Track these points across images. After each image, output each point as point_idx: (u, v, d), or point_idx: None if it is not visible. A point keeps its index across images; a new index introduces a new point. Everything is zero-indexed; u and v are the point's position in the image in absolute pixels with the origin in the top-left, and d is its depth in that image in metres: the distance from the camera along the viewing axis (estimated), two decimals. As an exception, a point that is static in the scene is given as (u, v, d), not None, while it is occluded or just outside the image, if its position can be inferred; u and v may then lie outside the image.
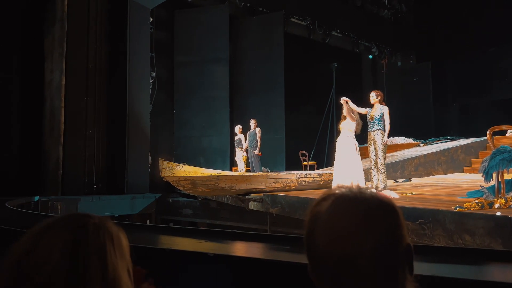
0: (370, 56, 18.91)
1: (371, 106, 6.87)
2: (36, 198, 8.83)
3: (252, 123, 10.60)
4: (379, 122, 6.71)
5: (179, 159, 11.11)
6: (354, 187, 0.82)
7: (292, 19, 15.17)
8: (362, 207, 0.77)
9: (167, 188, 9.74)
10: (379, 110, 6.75)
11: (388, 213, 0.78)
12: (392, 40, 18.63)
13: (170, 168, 7.53)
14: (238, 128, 10.90)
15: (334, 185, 6.85)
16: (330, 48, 16.52)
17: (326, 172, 8.63)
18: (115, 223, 0.85)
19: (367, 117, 6.85)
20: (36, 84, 10.81)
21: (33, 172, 10.42)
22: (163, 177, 7.77)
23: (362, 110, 6.96)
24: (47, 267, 0.73)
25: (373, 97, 6.85)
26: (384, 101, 7.04)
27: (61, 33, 10.20)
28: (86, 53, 10.46)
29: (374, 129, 6.73)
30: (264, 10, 14.21)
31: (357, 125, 6.98)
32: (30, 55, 10.83)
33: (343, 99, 6.98)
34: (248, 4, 13.98)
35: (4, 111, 10.47)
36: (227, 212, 8.73)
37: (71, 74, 10.16)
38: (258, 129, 10.44)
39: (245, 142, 10.71)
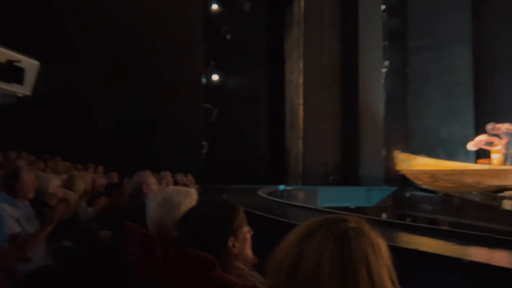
0: None
1: None
2: (282, 187, 9.78)
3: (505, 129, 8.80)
4: None
5: (415, 151, 10.46)
6: None
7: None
8: None
9: (403, 181, 9.34)
10: None
11: None
12: None
13: (407, 160, 7.18)
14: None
15: None
16: None
17: None
18: (371, 227, 0.80)
19: None
20: (278, 85, 12.05)
21: (278, 163, 11.65)
22: (399, 170, 7.46)
23: None
24: (319, 277, 0.72)
25: None
26: None
27: (298, 35, 11.01)
28: (320, 51, 11.00)
29: None
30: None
31: None
32: (272, 59, 12.12)
33: None
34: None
35: (254, 111, 12.04)
36: (474, 211, 7.75)
37: (308, 72, 10.86)
38: None
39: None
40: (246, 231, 1.45)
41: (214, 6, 12.41)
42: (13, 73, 10.63)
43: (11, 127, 10.84)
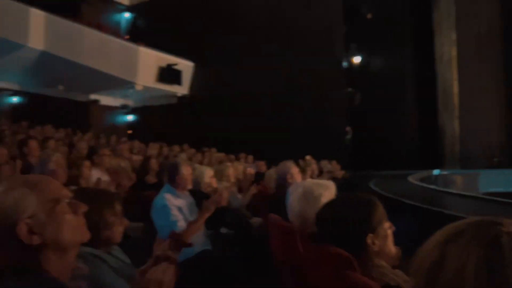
0: None
1: None
2: (437, 172, 9.08)
3: None
4: None
5: None
6: None
7: None
8: None
9: None
10: None
11: None
12: None
13: None
14: None
15: None
16: None
17: None
18: None
19: None
20: (427, 61, 11.13)
21: (431, 146, 10.80)
22: None
23: None
24: (461, 284, 0.65)
25: None
26: None
27: (448, 3, 9.99)
28: (476, 18, 9.80)
29: None
30: None
31: None
32: (419, 33, 11.22)
33: None
34: None
35: (401, 91, 11.34)
36: None
37: (462, 44, 9.80)
38: None
39: None
40: (387, 227, 1.39)
41: (353, -14, 12.00)
42: (173, 75, 11.95)
43: (174, 124, 12.24)
